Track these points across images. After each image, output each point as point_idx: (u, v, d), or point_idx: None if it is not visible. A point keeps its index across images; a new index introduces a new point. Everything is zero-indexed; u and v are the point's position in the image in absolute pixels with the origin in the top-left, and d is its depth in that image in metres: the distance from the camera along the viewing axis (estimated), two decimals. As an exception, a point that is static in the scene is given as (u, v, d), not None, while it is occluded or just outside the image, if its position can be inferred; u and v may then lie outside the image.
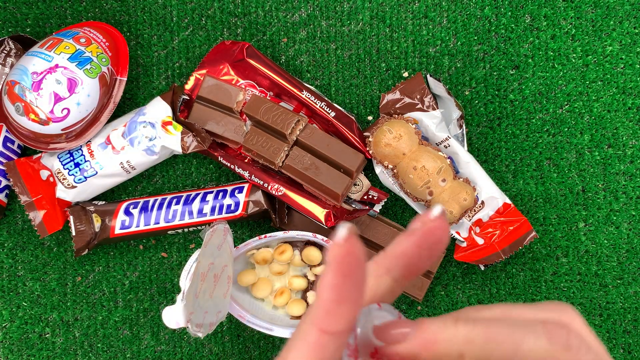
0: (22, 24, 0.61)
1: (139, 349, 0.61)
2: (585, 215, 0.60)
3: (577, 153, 0.60)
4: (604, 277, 0.60)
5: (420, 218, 0.21)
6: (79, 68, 0.54)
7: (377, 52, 0.61)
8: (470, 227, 0.58)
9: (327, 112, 0.57)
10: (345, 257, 0.19)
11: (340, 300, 0.19)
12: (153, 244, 0.61)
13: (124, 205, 0.58)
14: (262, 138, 0.56)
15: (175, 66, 0.61)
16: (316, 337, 0.20)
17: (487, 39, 0.60)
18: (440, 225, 0.21)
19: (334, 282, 0.19)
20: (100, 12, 0.61)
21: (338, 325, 0.20)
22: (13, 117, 0.55)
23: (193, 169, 0.61)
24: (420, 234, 0.21)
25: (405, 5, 0.60)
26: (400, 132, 0.55)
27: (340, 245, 0.19)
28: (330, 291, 0.19)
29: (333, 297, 0.19)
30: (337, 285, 0.19)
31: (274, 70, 0.58)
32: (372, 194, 0.58)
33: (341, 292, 0.19)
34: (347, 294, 0.19)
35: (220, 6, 0.61)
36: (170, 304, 0.61)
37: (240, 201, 0.57)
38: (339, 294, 0.19)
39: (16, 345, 0.61)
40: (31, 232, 0.61)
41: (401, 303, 0.61)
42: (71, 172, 0.57)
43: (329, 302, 0.19)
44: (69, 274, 0.61)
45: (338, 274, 0.19)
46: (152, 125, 0.56)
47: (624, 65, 0.60)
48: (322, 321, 0.19)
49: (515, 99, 0.60)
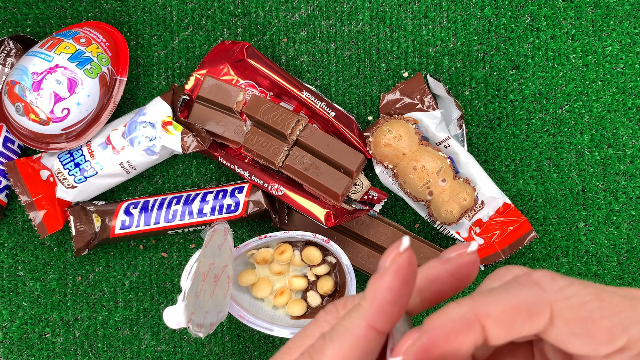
0: (22, 24, 0.61)
1: (139, 349, 0.61)
2: (585, 215, 0.60)
3: (577, 153, 0.60)
4: (604, 277, 0.60)
5: (457, 249, 0.22)
6: (79, 68, 0.54)
7: (377, 52, 0.61)
8: (470, 227, 0.58)
9: (327, 112, 0.57)
10: (405, 265, 0.20)
11: (394, 303, 0.21)
12: (153, 244, 0.61)
13: (124, 205, 0.58)
14: (262, 138, 0.56)
15: (175, 66, 0.61)
16: (364, 332, 0.21)
17: (487, 39, 0.60)
18: (474, 260, 0.22)
19: (393, 285, 0.20)
20: (100, 12, 0.61)
21: (387, 325, 0.21)
22: (13, 117, 0.55)
23: (193, 169, 0.61)
24: (456, 264, 0.22)
25: (405, 5, 0.60)
26: (400, 132, 0.55)
27: (402, 253, 0.21)
28: (388, 292, 0.20)
29: (389, 298, 0.20)
30: (395, 288, 0.20)
31: (274, 70, 0.58)
32: (372, 194, 0.58)
33: (397, 296, 0.21)
34: (401, 298, 0.21)
35: (220, 6, 0.61)
36: (170, 304, 0.61)
37: (240, 201, 0.57)
38: (395, 296, 0.20)
39: (16, 345, 0.61)
40: (31, 232, 0.61)
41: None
42: (71, 172, 0.57)
43: (385, 302, 0.21)
44: (69, 274, 0.61)
45: (397, 279, 0.20)
46: (152, 125, 0.56)
47: (624, 65, 0.60)
48: (374, 318, 0.21)
49: (515, 99, 0.60)
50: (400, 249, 0.21)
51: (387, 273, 0.21)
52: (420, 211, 0.59)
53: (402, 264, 0.21)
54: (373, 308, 0.21)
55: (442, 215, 0.56)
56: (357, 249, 0.58)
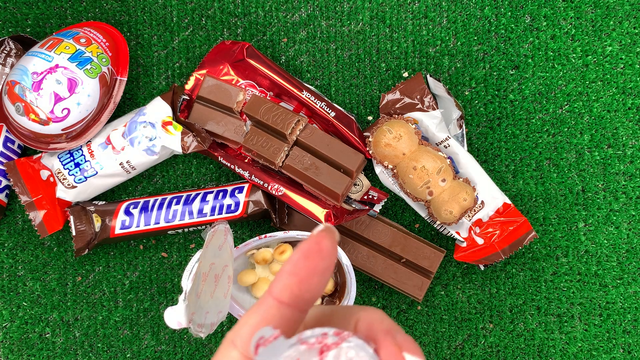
0: (22, 24, 0.61)
1: (139, 349, 0.61)
2: (585, 215, 0.60)
3: (577, 153, 0.60)
4: (604, 277, 0.60)
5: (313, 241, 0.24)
6: (79, 68, 0.54)
7: (377, 52, 0.61)
8: (470, 227, 0.58)
9: (327, 112, 0.57)
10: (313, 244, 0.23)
11: (293, 274, 0.23)
12: (153, 244, 0.61)
13: (124, 205, 0.58)
14: (262, 138, 0.56)
15: (175, 66, 0.61)
16: (271, 305, 0.23)
17: (487, 39, 0.60)
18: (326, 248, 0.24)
19: (299, 263, 0.23)
20: (101, 12, 0.61)
21: (288, 296, 0.23)
22: (13, 117, 0.55)
23: (193, 169, 0.61)
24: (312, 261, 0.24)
25: (405, 5, 0.60)
26: (400, 132, 0.55)
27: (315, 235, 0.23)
28: (293, 267, 0.23)
29: (289, 269, 0.23)
30: (297, 262, 0.23)
31: (274, 70, 0.58)
32: (372, 194, 0.58)
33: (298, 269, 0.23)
34: (302, 274, 0.23)
35: (220, 6, 0.61)
36: (171, 304, 0.61)
37: (240, 201, 0.57)
38: (295, 269, 0.23)
39: (16, 345, 0.61)
40: (31, 232, 0.61)
41: (401, 303, 0.61)
42: (71, 172, 0.57)
43: (286, 272, 0.23)
44: (69, 274, 0.61)
45: (302, 254, 0.23)
46: (152, 125, 0.56)
47: (624, 65, 0.60)
48: (278, 291, 0.23)
49: (515, 99, 0.60)
50: (314, 232, 0.23)
51: (297, 252, 0.23)
52: (420, 211, 0.59)
53: (312, 246, 0.23)
54: (279, 283, 0.23)
55: (442, 215, 0.56)
56: (357, 249, 0.58)
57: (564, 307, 0.60)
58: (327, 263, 0.23)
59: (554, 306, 0.60)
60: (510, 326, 0.60)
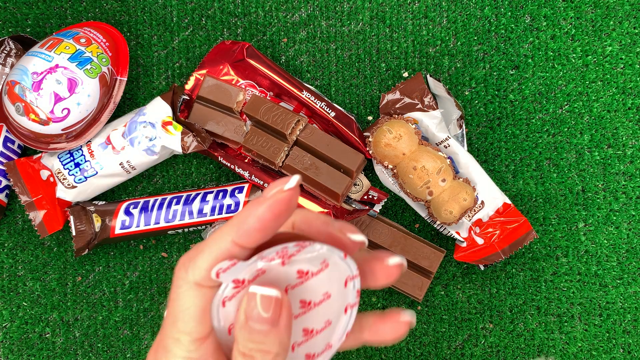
0: (22, 24, 0.61)
1: (139, 349, 0.61)
2: (585, 215, 0.60)
3: (577, 153, 0.60)
4: (604, 277, 0.60)
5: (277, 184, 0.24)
6: (79, 68, 0.54)
7: (377, 52, 0.61)
8: (470, 227, 0.58)
9: (327, 112, 0.57)
10: (283, 203, 0.23)
11: (260, 230, 0.24)
12: (153, 244, 0.61)
13: (124, 205, 0.58)
14: (262, 138, 0.56)
15: (175, 66, 0.61)
16: (230, 247, 0.24)
17: (487, 39, 0.60)
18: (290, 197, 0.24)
19: (265, 217, 0.23)
20: (100, 12, 0.61)
21: (251, 244, 0.24)
22: (13, 117, 0.55)
23: (193, 169, 0.61)
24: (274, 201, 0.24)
25: (405, 5, 0.60)
26: (400, 132, 0.55)
27: (286, 191, 0.23)
28: (257, 221, 0.23)
29: (257, 226, 0.23)
30: (264, 220, 0.23)
31: (274, 70, 0.58)
32: (372, 194, 0.58)
33: (264, 225, 0.23)
34: (267, 228, 0.24)
35: (220, 6, 0.61)
36: (170, 304, 0.61)
37: (240, 201, 0.57)
38: (262, 225, 0.23)
39: (16, 345, 0.61)
40: (31, 232, 0.61)
41: (401, 303, 0.61)
42: (71, 172, 0.57)
43: (252, 229, 0.23)
44: (69, 274, 0.61)
45: (270, 213, 0.23)
46: (152, 125, 0.56)
47: (624, 65, 0.60)
48: (240, 239, 0.24)
49: (515, 99, 0.60)
50: (284, 187, 0.23)
51: (263, 203, 0.23)
52: (420, 211, 0.59)
53: (280, 201, 0.23)
54: (241, 230, 0.24)
55: (442, 215, 0.56)
56: (357, 249, 0.58)
57: (564, 307, 0.60)
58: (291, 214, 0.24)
59: (554, 306, 0.60)
60: (510, 326, 0.60)
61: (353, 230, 0.25)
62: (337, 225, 0.26)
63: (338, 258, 0.25)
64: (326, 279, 0.25)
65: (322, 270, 0.25)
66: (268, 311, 0.23)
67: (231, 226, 0.24)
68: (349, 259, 0.25)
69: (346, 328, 0.26)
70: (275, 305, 0.23)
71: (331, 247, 0.24)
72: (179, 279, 0.25)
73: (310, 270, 0.24)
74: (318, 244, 0.24)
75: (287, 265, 0.24)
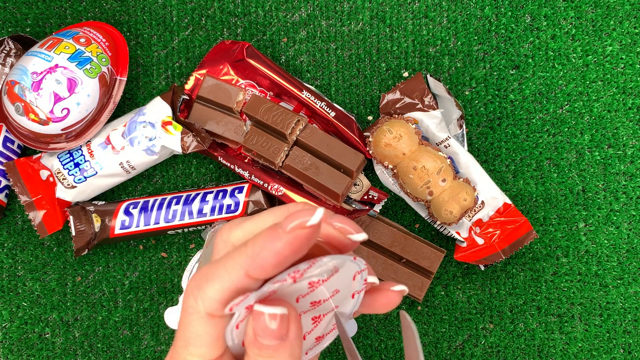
0: (22, 24, 0.61)
1: (139, 349, 0.61)
2: (585, 215, 0.60)
3: (577, 153, 0.60)
4: (604, 277, 0.60)
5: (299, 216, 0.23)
6: (78, 68, 0.54)
7: (377, 52, 0.61)
8: (470, 227, 0.58)
9: (327, 112, 0.57)
10: (303, 240, 0.22)
11: (276, 266, 0.22)
12: (153, 244, 0.61)
13: (124, 205, 0.58)
14: (262, 138, 0.56)
15: (175, 66, 0.61)
16: (242, 279, 0.23)
17: (487, 39, 0.60)
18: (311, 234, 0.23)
19: (282, 253, 0.22)
20: (100, 12, 0.61)
21: (264, 276, 0.23)
22: (13, 117, 0.55)
23: (193, 169, 0.61)
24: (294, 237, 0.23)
25: (405, 5, 0.60)
26: (400, 132, 0.55)
27: (307, 227, 0.22)
28: (274, 257, 0.22)
29: (273, 261, 0.22)
30: (282, 256, 0.22)
31: (274, 70, 0.58)
32: (372, 194, 0.58)
33: (281, 262, 0.22)
34: (284, 264, 0.22)
35: (220, 6, 0.61)
36: (170, 304, 0.61)
37: (240, 201, 0.57)
38: (279, 261, 0.22)
39: (16, 345, 0.61)
40: (31, 232, 0.61)
41: (401, 303, 0.61)
42: (71, 172, 0.57)
43: (268, 264, 0.22)
44: (69, 274, 0.61)
45: (289, 249, 0.22)
46: (152, 125, 0.56)
47: (624, 65, 0.60)
48: (254, 272, 0.23)
49: (515, 99, 0.60)
50: (307, 223, 0.22)
51: (283, 238, 0.22)
52: (420, 211, 0.59)
53: (301, 237, 0.22)
54: (255, 264, 0.22)
55: (442, 215, 0.56)
56: (357, 249, 0.58)
57: (564, 307, 0.60)
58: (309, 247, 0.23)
59: (554, 306, 0.60)
60: (510, 326, 0.60)
61: (353, 228, 0.25)
62: (337, 224, 0.25)
63: (348, 262, 0.25)
64: (336, 280, 0.25)
65: (332, 275, 0.25)
66: (276, 327, 0.23)
67: (245, 257, 0.23)
68: (358, 259, 0.25)
69: (353, 309, 0.27)
70: (283, 320, 0.23)
71: (342, 256, 0.24)
72: (189, 306, 0.24)
73: (321, 279, 0.24)
74: (327, 258, 0.24)
75: (298, 281, 0.24)
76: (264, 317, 0.23)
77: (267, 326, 0.23)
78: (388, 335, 0.61)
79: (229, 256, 0.24)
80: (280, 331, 0.23)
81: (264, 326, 0.23)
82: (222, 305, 0.24)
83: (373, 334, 0.61)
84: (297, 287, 0.24)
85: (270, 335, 0.23)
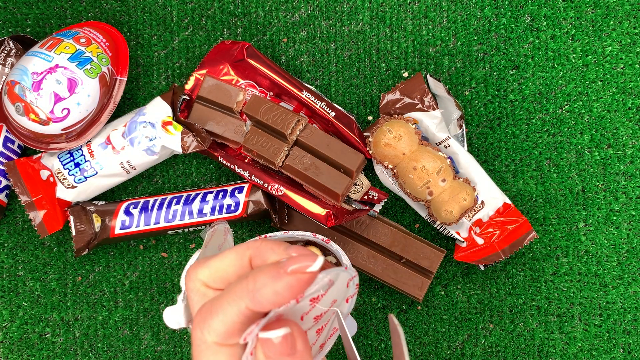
0: (22, 24, 0.61)
1: (139, 349, 0.61)
2: (585, 215, 0.60)
3: (577, 153, 0.60)
4: (604, 277, 0.60)
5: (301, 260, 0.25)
6: (79, 68, 0.54)
7: (377, 52, 0.61)
8: (470, 227, 0.58)
9: (327, 112, 0.57)
10: (303, 284, 0.24)
11: (275, 304, 0.25)
12: (153, 244, 0.61)
13: (124, 205, 0.58)
14: (262, 138, 0.56)
15: (175, 66, 0.61)
16: (245, 311, 0.25)
17: (487, 39, 0.60)
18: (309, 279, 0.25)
19: (282, 294, 0.24)
20: (100, 12, 0.61)
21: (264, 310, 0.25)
22: (13, 117, 0.55)
23: (193, 169, 0.61)
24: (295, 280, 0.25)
25: (405, 5, 0.60)
26: (400, 132, 0.55)
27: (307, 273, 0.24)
28: (274, 296, 0.24)
29: (273, 300, 0.24)
30: (282, 297, 0.24)
31: (274, 70, 0.58)
32: (372, 194, 0.58)
33: (280, 301, 0.24)
34: (282, 303, 0.25)
35: (220, 6, 0.61)
36: (170, 304, 0.61)
37: (240, 201, 0.57)
38: (278, 301, 0.24)
39: (16, 345, 0.61)
40: (31, 232, 0.61)
41: (401, 303, 0.61)
42: (71, 172, 0.57)
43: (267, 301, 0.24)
44: (69, 274, 0.61)
45: (289, 291, 0.24)
46: (152, 125, 0.56)
47: (624, 65, 0.60)
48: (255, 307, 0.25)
49: (515, 99, 0.60)
50: (308, 269, 0.24)
51: (283, 279, 0.24)
52: (420, 211, 0.59)
53: (301, 281, 0.24)
54: (255, 300, 0.25)
55: (442, 215, 0.56)
56: (357, 249, 0.58)
57: (564, 307, 0.60)
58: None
59: (554, 306, 0.60)
60: (510, 326, 0.60)
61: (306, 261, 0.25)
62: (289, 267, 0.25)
63: (342, 273, 0.27)
64: (333, 292, 0.27)
65: (329, 289, 0.27)
66: (284, 346, 0.25)
67: (247, 292, 0.25)
68: (349, 268, 0.27)
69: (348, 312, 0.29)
70: (288, 339, 0.25)
71: (334, 269, 0.26)
72: (197, 339, 0.26)
73: (320, 294, 0.26)
74: (322, 274, 0.26)
75: (301, 301, 0.26)
76: (271, 341, 0.25)
77: (275, 348, 0.25)
78: (388, 335, 0.61)
79: (231, 290, 0.26)
80: (289, 349, 0.25)
81: (273, 349, 0.25)
82: (228, 335, 0.26)
83: (373, 334, 0.61)
84: (300, 306, 0.26)
85: (280, 354, 0.25)
